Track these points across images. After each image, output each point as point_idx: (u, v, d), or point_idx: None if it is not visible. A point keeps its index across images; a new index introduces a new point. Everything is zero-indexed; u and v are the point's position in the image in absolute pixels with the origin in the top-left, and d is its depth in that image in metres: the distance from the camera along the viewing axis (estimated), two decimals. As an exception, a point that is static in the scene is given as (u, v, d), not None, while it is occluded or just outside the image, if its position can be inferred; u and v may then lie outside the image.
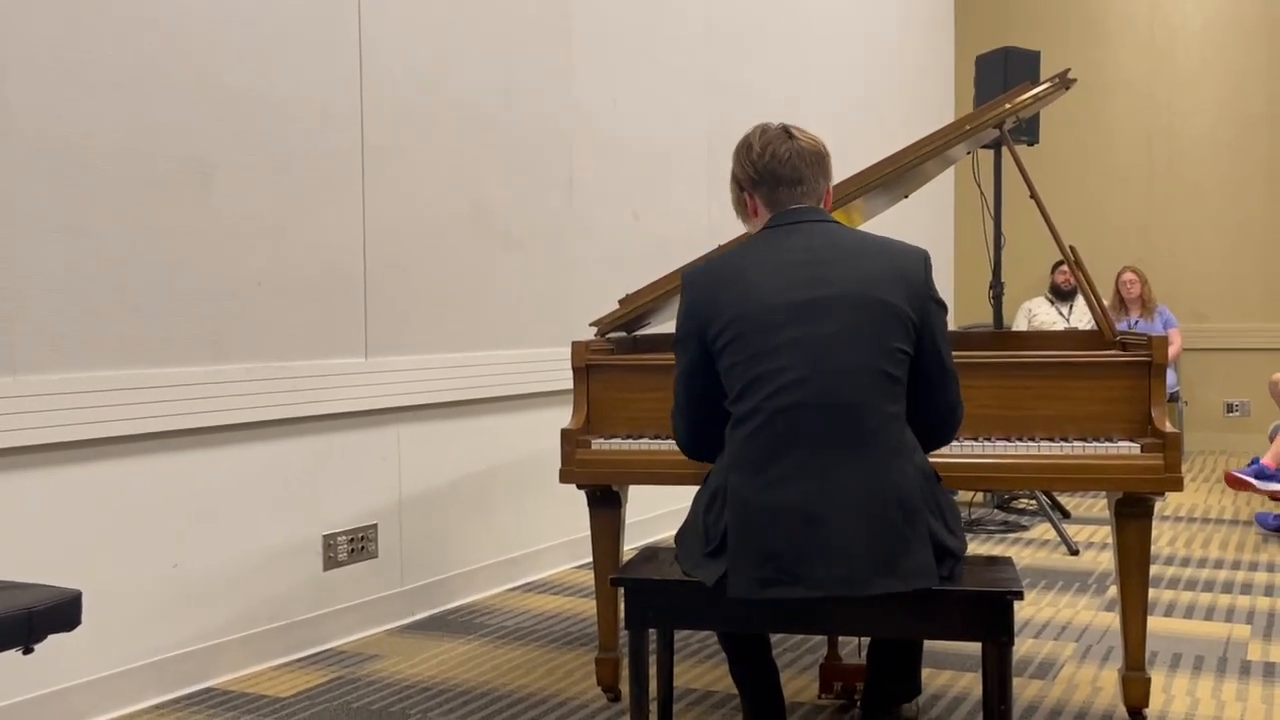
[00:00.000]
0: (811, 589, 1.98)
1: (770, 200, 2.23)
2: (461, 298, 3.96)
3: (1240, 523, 5.31)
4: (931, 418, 2.18)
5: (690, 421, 2.25)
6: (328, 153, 3.46)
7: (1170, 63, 7.92)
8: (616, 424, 2.82)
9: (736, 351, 2.09)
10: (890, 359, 2.05)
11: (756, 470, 2.04)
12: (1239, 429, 7.75)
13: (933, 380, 2.15)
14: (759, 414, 2.05)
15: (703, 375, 2.18)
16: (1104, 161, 8.10)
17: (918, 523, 2.01)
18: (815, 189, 2.23)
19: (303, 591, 3.41)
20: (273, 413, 3.26)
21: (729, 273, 2.15)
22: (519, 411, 4.24)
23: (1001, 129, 3.15)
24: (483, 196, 4.05)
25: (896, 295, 2.07)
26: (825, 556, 1.98)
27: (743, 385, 2.08)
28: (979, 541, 4.90)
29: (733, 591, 2.04)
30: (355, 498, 3.58)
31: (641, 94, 4.88)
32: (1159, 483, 2.50)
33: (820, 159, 2.24)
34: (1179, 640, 3.43)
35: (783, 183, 2.21)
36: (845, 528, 1.98)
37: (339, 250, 3.50)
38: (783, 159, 2.21)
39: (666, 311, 3.32)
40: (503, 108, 4.14)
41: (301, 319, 3.38)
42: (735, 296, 2.11)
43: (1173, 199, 7.92)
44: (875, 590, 1.97)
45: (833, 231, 2.18)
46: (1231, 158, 7.77)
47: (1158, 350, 2.57)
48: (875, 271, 2.09)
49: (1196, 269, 7.85)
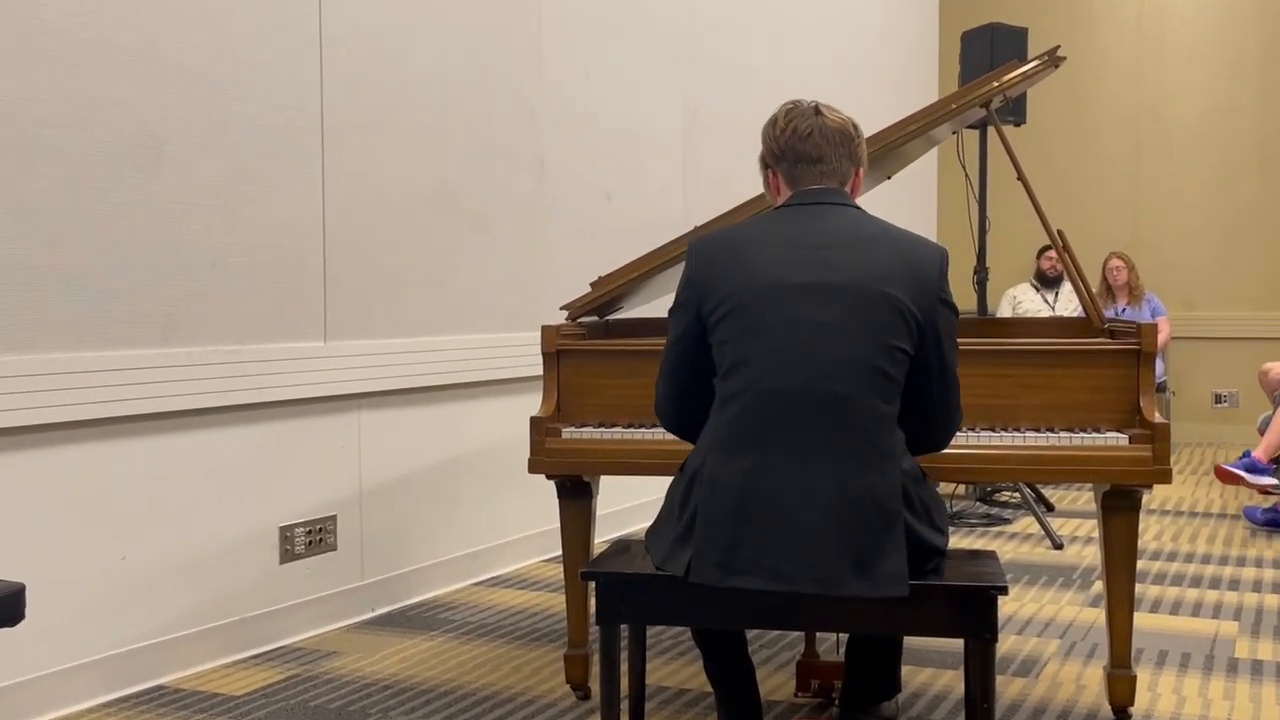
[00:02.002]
0: (776, 582, 1.98)
1: (791, 177, 2.23)
2: (426, 279, 3.94)
3: (1228, 517, 5.37)
4: (926, 424, 2.17)
5: (675, 388, 2.24)
6: (285, 127, 3.42)
7: (1159, 43, 7.98)
8: (588, 412, 2.82)
9: (730, 327, 2.09)
10: (888, 356, 2.04)
11: (735, 453, 2.04)
12: (1227, 420, 7.83)
13: (931, 385, 2.13)
14: (745, 394, 2.05)
15: (694, 347, 2.18)
16: (1090, 144, 8.16)
17: (894, 528, 2.01)
18: (838, 169, 2.21)
19: (258, 585, 3.39)
20: (227, 398, 3.24)
21: (734, 246, 2.15)
22: (486, 398, 4.23)
23: (988, 108, 3.16)
24: (449, 174, 4.03)
25: (903, 291, 2.06)
26: (793, 551, 1.98)
27: (732, 362, 2.08)
28: (961, 535, 4.93)
29: (695, 576, 2.04)
30: (313, 488, 3.56)
31: (615, 68, 4.87)
32: (1147, 475, 2.52)
33: (846, 139, 2.23)
34: (1165, 637, 3.46)
35: (802, 160, 2.20)
36: (817, 524, 1.98)
37: (297, 229, 3.47)
38: (804, 135, 2.20)
39: (640, 295, 3.32)
40: (470, 81, 4.11)
41: (257, 300, 3.35)
42: (737, 271, 2.11)
43: (1161, 184, 7.99)
44: (843, 592, 1.98)
45: (850, 217, 2.16)
46: (1222, 142, 7.84)
47: (1147, 338, 2.58)
48: (885, 264, 2.08)
49: (1185, 256, 7.93)
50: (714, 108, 5.48)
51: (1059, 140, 8.17)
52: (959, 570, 2.16)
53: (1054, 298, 7.29)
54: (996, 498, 5.62)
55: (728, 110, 5.56)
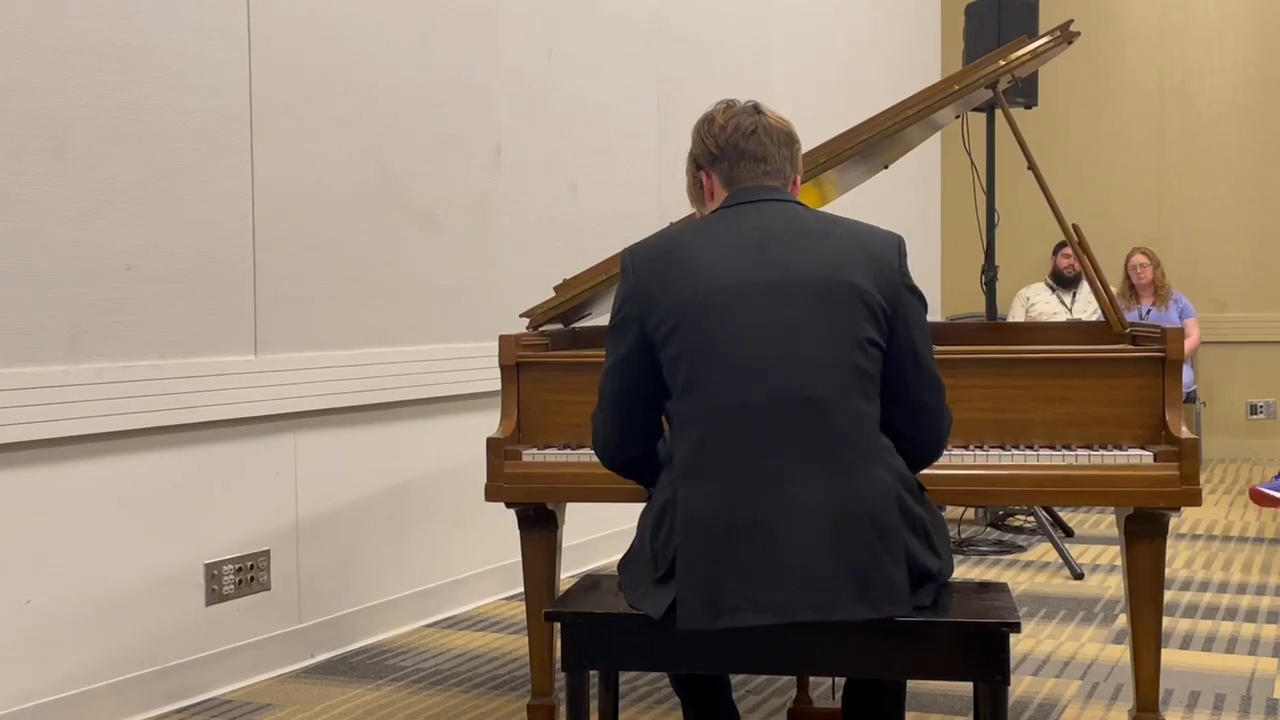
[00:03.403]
0: (769, 615, 1.99)
1: (729, 178, 2.26)
2: (369, 284, 3.93)
3: (1266, 541, 5.41)
4: (908, 427, 2.18)
5: (615, 422, 2.24)
6: (209, 114, 3.41)
7: (1184, 12, 8.05)
8: (552, 432, 2.82)
9: (681, 340, 2.10)
10: (861, 350, 2.07)
11: (707, 479, 2.05)
12: (1264, 433, 7.89)
13: (907, 379, 2.15)
14: (709, 413, 2.06)
15: (639, 370, 2.18)
16: (1110, 127, 8.21)
17: (892, 540, 2.02)
18: (780, 171, 2.26)
19: (181, 630, 3.37)
20: (144, 420, 3.22)
21: (674, 252, 2.17)
22: (437, 417, 4.22)
23: (995, 89, 3.18)
24: (394, 166, 4.02)
25: (865, 279, 2.10)
26: (784, 577, 1.99)
27: (688, 379, 2.09)
28: (970, 564, 4.95)
29: (682, 623, 2.04)
30: (244, 520, 3.55)
31: (580, 45, 4.88)
32: (1174, 496, 2.54)
33: (789, 141, 2.28)
34: (1197, 676, 3.48)
35: (745, 158, 2.24)
36: (807, 545, 1.99)
37: (223, 229, 3.46)
38: (747, 132, 2.24)
39: (610, 300, 3.32)
40: (417, 62, 4.11)
41: (178, 309, 3.33)
42: (681, 278, 2.12)
43: (1189, 170, 8.05)
44: (840, 616, 1.98)
45: (795, 211, 2.20)
46: (1257, 123, 7.90)
47: (1173, 343, 2.61)
48: (841, 252, 2.11)
49: (1216, 251, 7.98)
50: (691, 89, 5.49)
51: (1075, 124, 8.23)
52: (966, 605, 2.17)
53: (1071, 299, 7.34)
54: (1009, 523, 5.65)
55: (706, 91, 5.57)
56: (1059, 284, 7.46)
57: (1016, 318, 7.45)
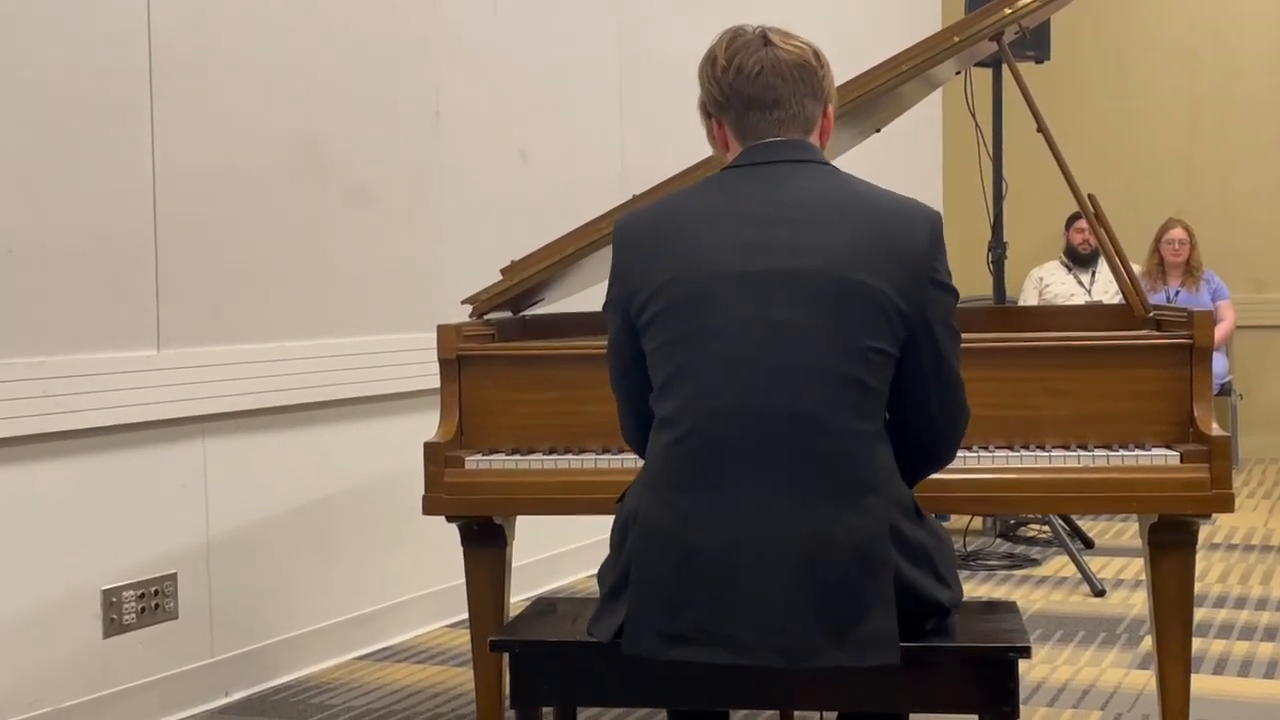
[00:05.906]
0: (734, 654, 1.99)
1: (740, 128, 2.21)
2: (290, 268, 3.92)
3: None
4: (923, 438, 2.19)
5: (621, 403, 2.28)
6: (100, 74, 3.39)
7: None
8: (499, 435, 2.82)
9: (662, 331, 2.10)
10: (861, 361, 2.05)
11: (676, 492, 2.05)
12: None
13: (927, 388, 2.14)
14: (684, 418, 2.06)
15: (630, 355, 2.19)
16: (1133, 84, 8.23)
17: (880, 578, 2.02)
18: (799, 114, 2.19)
19: (75, 665, 3.35)
20: (26, 425, 3.20)
21: (665, 226, 2.16)
22: (368, 420, 4.21)
23: (1000, 42, 3.19)
24: (317, 131, 4.01)
25: (881, 277, 2.06)
26: (747, 615, 1.99)
27: (667, 376, 2.09)
28: (977, 581, 4.98)
29: (628, 646, 2.05)
30: (146, 539, 3.53)
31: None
32: (1204, 501, 2.56)
33: (807, 73, 2.20)
34: (1231, 705, 3.52)
35: (752, 105, 2.18)
36: (782, 581, 2.00)
37: (119, 206, 3.44)
38: (751, 74, 2.17)
39: (566, 284, 3.32)
40: (343, 13, 4.09)
41: (66, 299, 3.31)
42: (669, 257, 2.12)
43: (1224, 133, 8.07)
44: (818, 663, 1.99)
45: (816, 179, 2.15)
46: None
47: (1202, 329, 2.62)
48: (859, 242, 2.07)
49: (1254, 223, 8.01)
50: (656, 40, 5.49)
51: (1093, 80, 8.24)
52: (970, 627, 2.19)
53: (1090, 279, 7.37)
54: (1021, 533, 5.68)
55: (674, 43, 5.57)
56: (1075, 262, 7.47)
57: (1029, 301, 7.47)
